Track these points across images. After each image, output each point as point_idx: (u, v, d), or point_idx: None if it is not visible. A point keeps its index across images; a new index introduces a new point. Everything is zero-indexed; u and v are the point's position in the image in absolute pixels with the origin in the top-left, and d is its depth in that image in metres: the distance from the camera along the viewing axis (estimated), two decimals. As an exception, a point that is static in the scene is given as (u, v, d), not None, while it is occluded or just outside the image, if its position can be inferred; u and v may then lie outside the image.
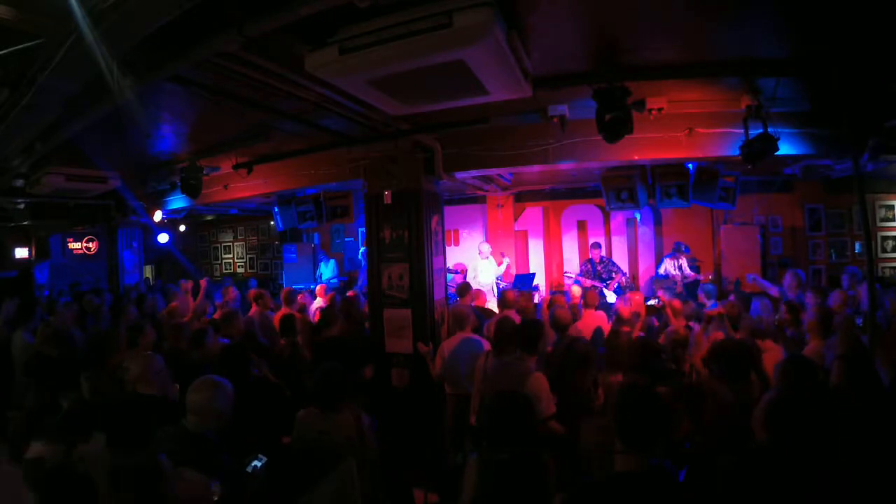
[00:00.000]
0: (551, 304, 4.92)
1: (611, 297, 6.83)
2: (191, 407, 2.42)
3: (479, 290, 6.12)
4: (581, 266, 7.75)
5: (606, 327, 4.64)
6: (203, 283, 5.80)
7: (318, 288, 7.28)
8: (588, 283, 7.15)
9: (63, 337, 4.24)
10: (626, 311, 4.41)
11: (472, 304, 5.42)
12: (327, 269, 9.35)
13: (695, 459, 2.44)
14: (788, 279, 5.42)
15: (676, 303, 4.55)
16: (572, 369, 3.26)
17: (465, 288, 5.57)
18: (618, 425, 1.89)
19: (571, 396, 3.17)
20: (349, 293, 6.75)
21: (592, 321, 4.86)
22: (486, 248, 7.88)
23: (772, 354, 3.50)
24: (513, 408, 2.36)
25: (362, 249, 8.67)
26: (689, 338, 3.96)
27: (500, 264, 7.98)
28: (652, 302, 5.09)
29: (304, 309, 5.86)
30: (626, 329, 4.22)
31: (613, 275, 7.30)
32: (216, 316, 5.22)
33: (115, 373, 3.73)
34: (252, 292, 5.86)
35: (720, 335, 3.95)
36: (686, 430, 2.91)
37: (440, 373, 4.13)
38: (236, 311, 4.82)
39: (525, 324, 3.57)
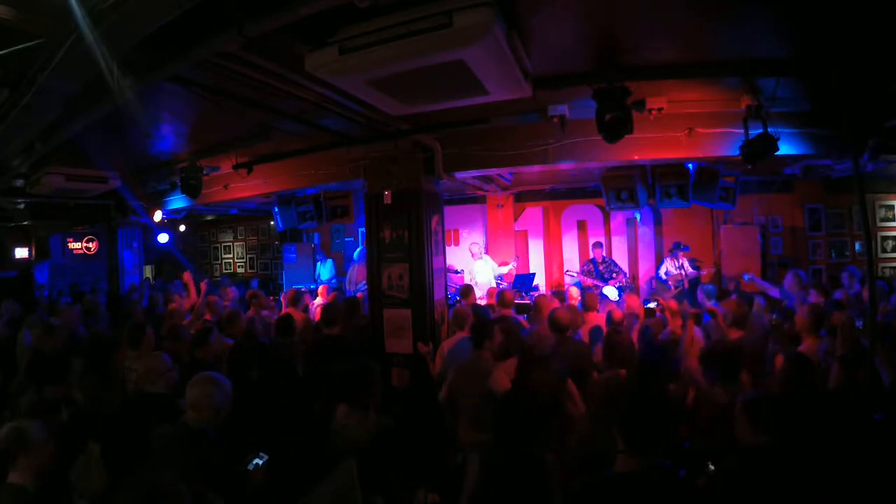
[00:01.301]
0: (535, 307, 4.89)
1: (613, 297, 6.83)
2: (189, 402, 2.45)
3: (491, 290, 6.15)
4: (583, 265, 7.74)
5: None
6: (203, 285, 5.82)
7: (320, 288, 7.28)
8: (590, 282, 7.15)
9: (64, 335, 4.24)
10: (618, 314, 4.41)
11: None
12: (325, 270, 9.33)
13: (694, 460, 2.45)
14: (789, 280, 5.41)
15: (673, 303, 4.56)
16: (528, 370, 3.24)
17: (467, 289, 5.57)
18: (620, 426, 1.89)
19: (529, 398, 3.14)
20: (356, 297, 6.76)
21: (593, 324, 4.85)
22: (476, 247, 7.80)
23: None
24: (520, 408, 2.37)
25: (359, 249, 8.66)
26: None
27: (503, 265, 7.95)
28: (651, 305, 5.10)
29: (306, 309, 5.86)
30: (619, 330, 4.22)
31: (615, 275, 7.30)
32: (208, 316, 5.23)
33: (118, 373, 3.75)
34: (248, 293, 5.88)
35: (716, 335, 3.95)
36: (685, 430, 2.92)
37: (440, 372, 4.13)
38: (238, 311, 4.82)
39: (475, 320, 3.59)
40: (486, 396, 3.23)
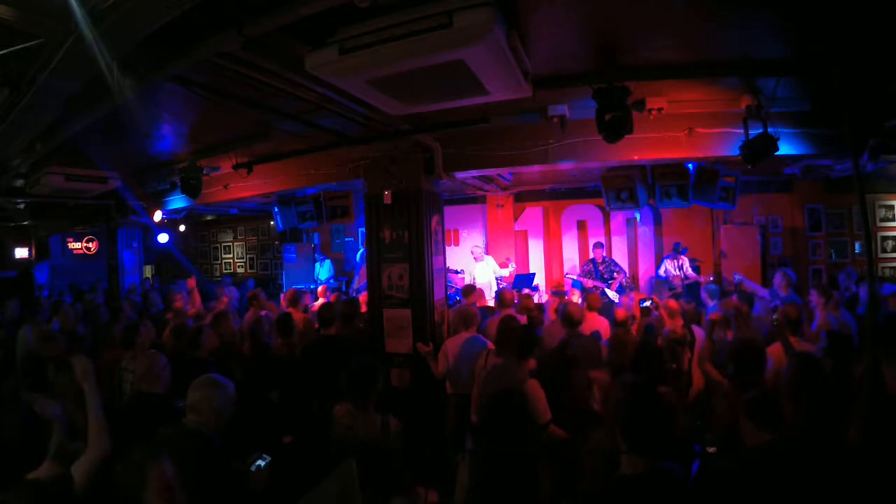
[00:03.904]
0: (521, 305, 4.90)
1: (613, 297, 6.84)
2: (190, 405, 2.42)
3: (480, 290, 6.14)
4: (583, 266, 7.74)
5: (607, 332, 4.63)
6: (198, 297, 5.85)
7: (319, 289, 7.28)
8: (590, 283, 7.16)
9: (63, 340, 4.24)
10: (622, 314, 4.42)
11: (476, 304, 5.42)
12: (323, 270, 9.35)
13: (705, 460, 2.45)
14: (778, 279, 5.43)
15: (672, 303, 4.56)
16: (565, 370, 3.24)
17: (469, 289, 5.57)
18: (622, 427, 1.88)
19: (566, 397, 3.16)
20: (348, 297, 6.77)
21: (594, 325, 4.84)
22: (478, 249, 7.86)
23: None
24: (509, 407, 2.37)
25: (361, 251, 8.67)
26: (688, 338, 3.96)
27: (503, 266, 7.97)
28: (647, 304, 5.10)
29: (307, 310, 5.87)
30: (627, 330, 4.23)
31: (615, 275, 7.30)
32: (208, 319, 5.24)
33: (114, 373, 3.75)
34: (249, 294, 5.89)
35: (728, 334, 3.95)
36: (688, 429, 2.91)
37: (443, 372, 4.12)
38: (226, 312, 4.82)
39: (521, 330, 3.53)
40: None
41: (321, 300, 6.76)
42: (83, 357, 2.35)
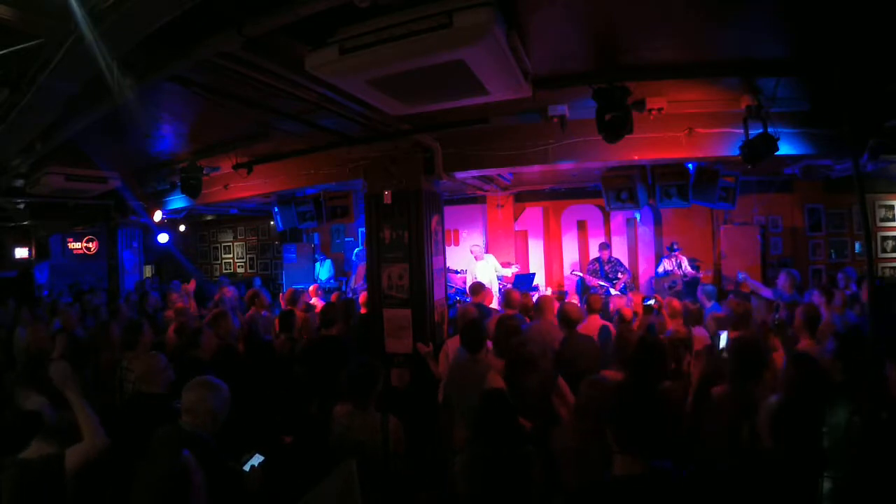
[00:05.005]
0: (539, 305, 4.83)
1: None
2: (184, 407, 2.41)
3: (489, 289, 6.11)
4: (588, 265, 7.74)
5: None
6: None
7: (311, 288, 7.29)
8: (595, 282, 7.16)
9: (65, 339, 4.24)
10: (628, 312, 4.41)
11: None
12: (324, 270, 9.36)
13: (701, 462, 2.44)
14: (783, 279, 5.43)
15: (676, 303, 4.55)
16: (519, 371, 3.22)
17: (478, 287, 5.55)
18: (614, 427, 1.86)
19: (522, 398, 3.14)
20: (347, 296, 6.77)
21: (596, 326, 4.82)
22: (477, 248, 7.81)
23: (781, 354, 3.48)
24: (498, 407, 2.37)
25: (358, 249, 8.67)
26: (690, 339, 3.96)
27: (506, 266, 7.96)
28: (650, 302, 5.09)
29: (309, 308, 5.87)
30: (630, 328, 4.23)
31: (620, 275, 7.30)
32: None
33: (115, 373, 3.75)
34: (248, 293, 5.89)
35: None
36: (686, 430, 2.91)
37: (445, 372, 4.12)
38: (225, 312, 4.83)
39: (466, 324, 3.55)
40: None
41: (314, 299, 6.76)
42: (61, 362, 2.33)
